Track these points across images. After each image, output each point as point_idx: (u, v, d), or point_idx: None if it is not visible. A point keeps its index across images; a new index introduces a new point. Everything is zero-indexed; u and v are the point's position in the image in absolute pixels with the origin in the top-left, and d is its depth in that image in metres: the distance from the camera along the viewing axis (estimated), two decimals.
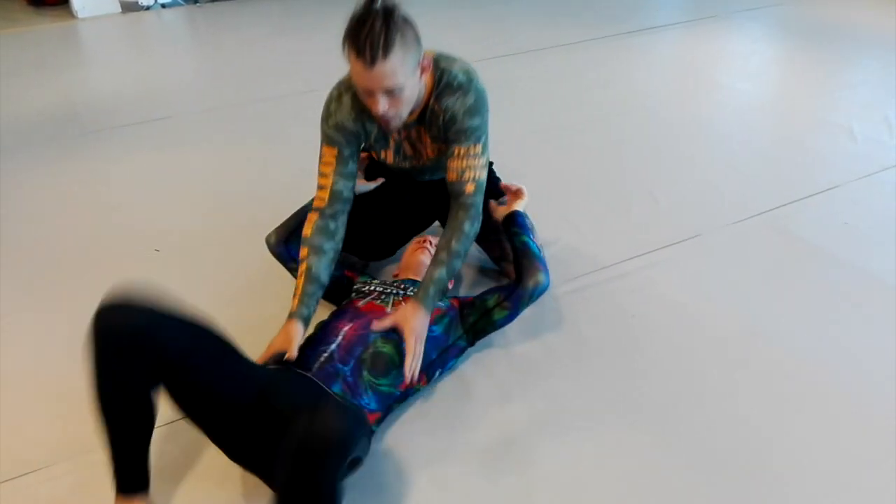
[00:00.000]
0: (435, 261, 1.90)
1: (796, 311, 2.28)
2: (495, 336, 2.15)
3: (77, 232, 2.70)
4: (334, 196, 1.93)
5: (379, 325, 1.81)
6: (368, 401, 1.73)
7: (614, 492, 1.69)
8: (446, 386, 1.98)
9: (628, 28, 5.06)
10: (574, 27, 5.08)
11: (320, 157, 1.95)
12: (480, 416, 1.88)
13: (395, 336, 1.83)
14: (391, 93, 1.69)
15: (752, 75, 4.30)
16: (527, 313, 2.18)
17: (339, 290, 2.09)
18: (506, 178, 2.34)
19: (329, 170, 1.93)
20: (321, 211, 1.93)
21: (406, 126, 1.95)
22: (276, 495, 1.38)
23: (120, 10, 5.52)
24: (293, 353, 1.74)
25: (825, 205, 2.87)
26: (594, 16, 5.37)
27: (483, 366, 2.06)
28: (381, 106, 1.70)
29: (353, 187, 1.97)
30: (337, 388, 1.68)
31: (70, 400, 1.93)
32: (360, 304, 1.93)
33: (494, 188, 2.30)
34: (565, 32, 4.96)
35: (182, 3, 5.69)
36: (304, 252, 1.90)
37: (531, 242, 2.11)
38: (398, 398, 1.83)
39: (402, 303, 1.93)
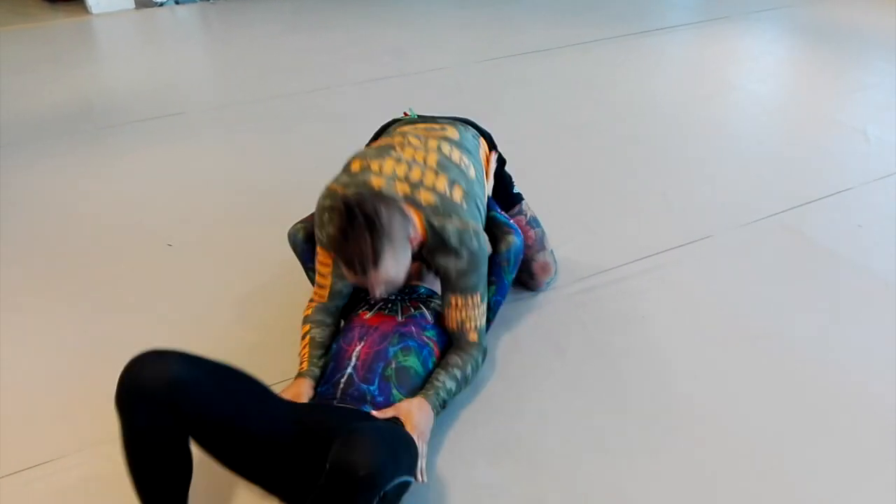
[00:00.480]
0: (448, 372, 1.79)
1: (808, 313, 2.27)
2: (504, 335, 2.16)
3: (89, 226, 2.72)
4: (334, 295, 1.91)
5: (381, 415, 1.64)
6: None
7: (620, 490, 1.69)
8: None
9: (639, 28, 5.04)
10: (585, 27, 5.07)
11: (317, 254, 1.89)
12: (490, 415, 1.88)
13: (412, 343, 1.80)
14: (387, 283, 1.69)
15: (765, 76, 4.28)
16: (537, 312, 2.18)
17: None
18: (517, 178, 2.34)
19: (327, 270, 1.88)
20: (322, 305, 1.92)
21: None
22: None
23: (134, 6, 5.54)
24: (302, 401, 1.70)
25: (838, 207, 2.85)
26: (605, 16, 5.36)
27: (492, 365, 2.06)
28: (378, 293, 1.68)
29: (350, 283, 1.88)
30: (367, 409, 1.65)
31: (78, 392, 1.95)
32: (368, 315, 1.87)
33: (507, 192, 2.27)
34: (576, 32, 4.95)
35: None
36: (306, 328, 1.89)
37: (498, 214, 2.08)
38: None
39: (411, 308, 1.90)
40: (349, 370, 1.72)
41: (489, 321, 2.05)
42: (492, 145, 2.24)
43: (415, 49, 4.64)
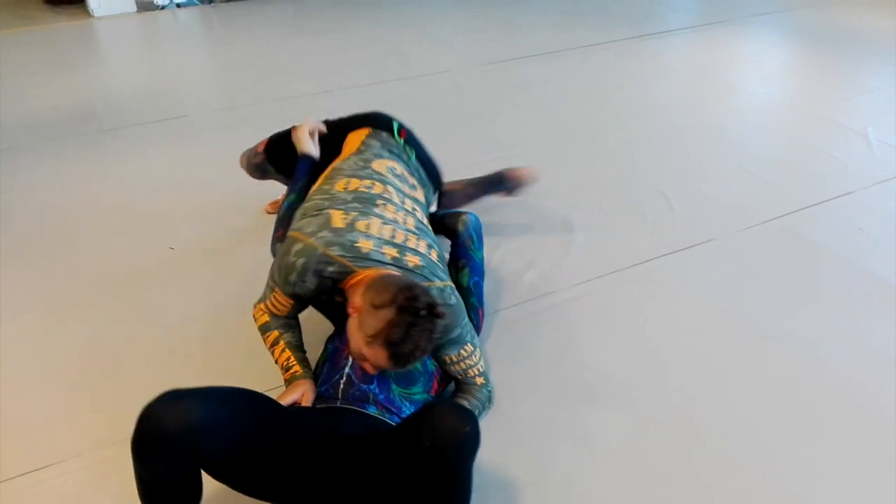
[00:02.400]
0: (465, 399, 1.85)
1: (810, 317, 2.27)
2: (506, 339, 2.16)
3: (92, 229, 2.72)
4: (292, 313, 1.86)
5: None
6: (408, 411, 1.71)
7: (619, 491, 1.69)
8: None
9: (641, 32, 5.04)
10: (587, 30, 5.07)
11: (275, 294, 1.80)
12: (491, 418, 1.88)
13: None
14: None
15: (767, 80, 4.29)
16: (539, 316, 2.18)
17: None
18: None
19: (285, 310, 1.83)
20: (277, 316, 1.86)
21: None
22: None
23: (135, 9, 5.55)
24: (309, 402, 1.70)
25: (840, 210, 2.85)
26: (607, 19, 5.37)
27: (494, 368, 2.06)
28: (372, 371, 1.64)
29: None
30: (372, 410, 1.66)
31: (79, 396, 1.95)
32: None
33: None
34: (579, 35, 4.96)
35: (197, 2, 5.72)
36: (273, 335, 1.82)
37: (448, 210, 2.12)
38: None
39: None
40: (347, 370, 1.72)
41: (480, 308, 2.06)
42: (438, 186, 2.29)
43: (417, 52, 4.65)
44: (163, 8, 5.62)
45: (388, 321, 1.51)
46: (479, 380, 1.87)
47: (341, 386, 1.69)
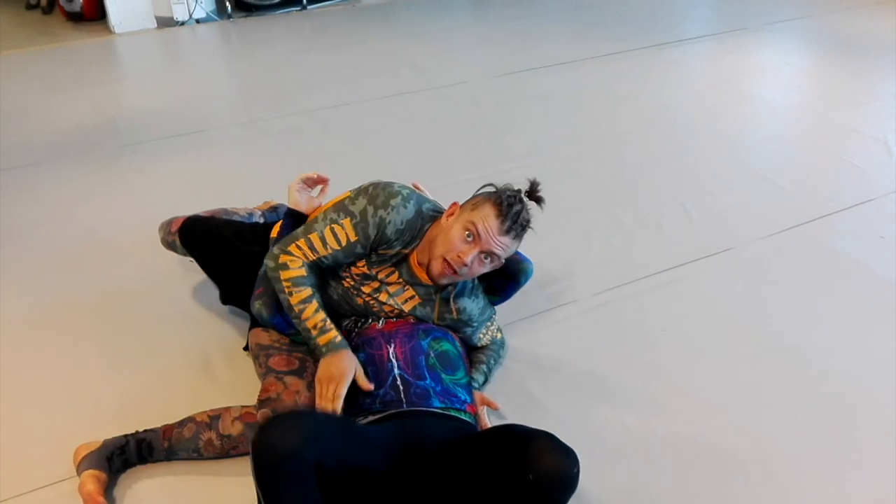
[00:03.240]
0: (487, 361, 2.02)
1: (830, 326, 2.26)
2: (525, 347, 2.16)
3: (112, 243, 2.75)
4: (319, 263, 1.82)
5: (483, 424, 1.82)
6: (465, 397, 1.75)
7: (643, 500, 1.68)
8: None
9: (658, 41, 5.04)
10: (604, 40, 5.07)
11: (334, 226, 1.79)
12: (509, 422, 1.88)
13: (437, 333, 1.86)
14: (486, 258, 1.76)
15: (785, 87, 4.27)
16: (557, 326, 2.19)
17: None
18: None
19: (325, 253, 1.80)
20: (307, 267, 1.80)
21: (426, 286, 1.89)
22: None
23: (155, 25, 5.62)
24: (368, 385, 1.70)
25: (860, 218, 2.83)
26: (624, 29, 5.37)
27: (512, 377, 2.06)
28: (469, 258, 1.72)
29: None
30: (437, 403, 1.67)
31: (81, 414, 1.97)
32: (380, 325, 1.87)
33: None
34: (595, 45, 4.96)
35: (216, 18, 5.79)
36: (306, 291, 1.76)
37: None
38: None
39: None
40: (396, 372, 1.72)
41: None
42: None
43: (433, 64, 4.67)
44: (182, 24, 5.68)
45: (493, 192, 1.78)
46: (499, 334, 2.09)
47: (401, 388, 1.68)
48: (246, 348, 2.04)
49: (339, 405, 1.64)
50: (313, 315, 1.75)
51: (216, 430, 1.77)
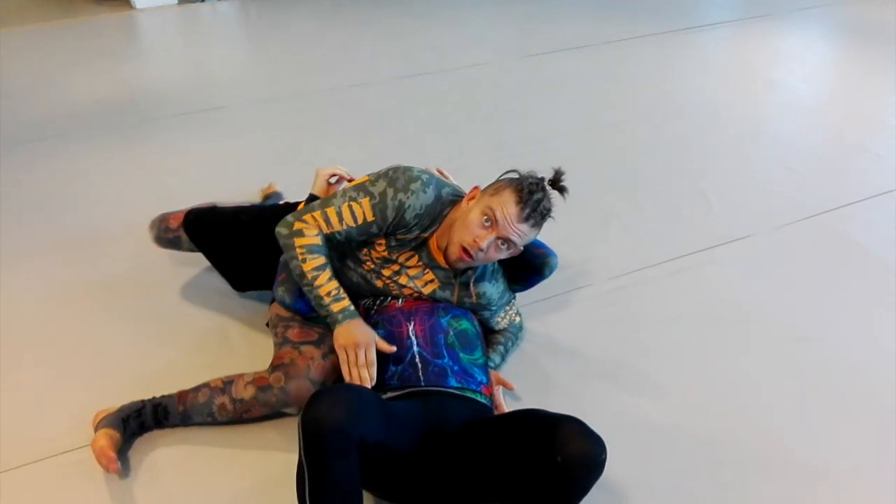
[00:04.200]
0: (504, 343, 2.05)
1: (848, 316, 2.25)
2: (540, 329, 2.17)
3: (132, 216, 2.77)
4: (335, 236, 1.80)
5: (501, 409, 1.84)
6: (481, 378, 1.75)
7: (656, 486, 1.69)
8: None
9: (680, 25, 4.99)
10: (624, 24, 5.03)
11: (352, 204, 1.78)
12: (523, 405, 1.88)
13: (456, 311, 1.87)
14: (503, 245, 1.75)
15: (809, 75, 4.22)
16: (572, 308, 2.19)
17: None
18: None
19: (340, 228, 1.79)
20: (324, 238, 1.79)
21: (445, 269, 1.89)
22: None
23: (176, 1, 5.63)
24: (390, 348, 1.72)
25: (881, 208, 2.81)
26: (645, 12, 5.31)
27: (526, 358, 2.07)
28: (485, 243, 1.72)
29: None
30: (454, 383, 1.68)
31: (101, 384, 1.99)
32: (399, 304, 1.87)
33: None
34: (615, 29, 4.92)
35: None
36: (321, 259, 1.75)
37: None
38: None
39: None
40: (415, 349, 1.73)
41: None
42: None
43: (452, 45, 4.65)
44: (203, 1, 5.68)
45: (516, 178, 1.78)
46: (518, 318, 2.10)
47: (419, 366, 1.70)
48: (268, 324, 2.05)
49: (374, 371, 1.66)
50: (327, 283, 1.74)
51: (229, 395, 1.79)
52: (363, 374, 1.66)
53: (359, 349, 1.67)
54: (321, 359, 1.78)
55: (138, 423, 1.80)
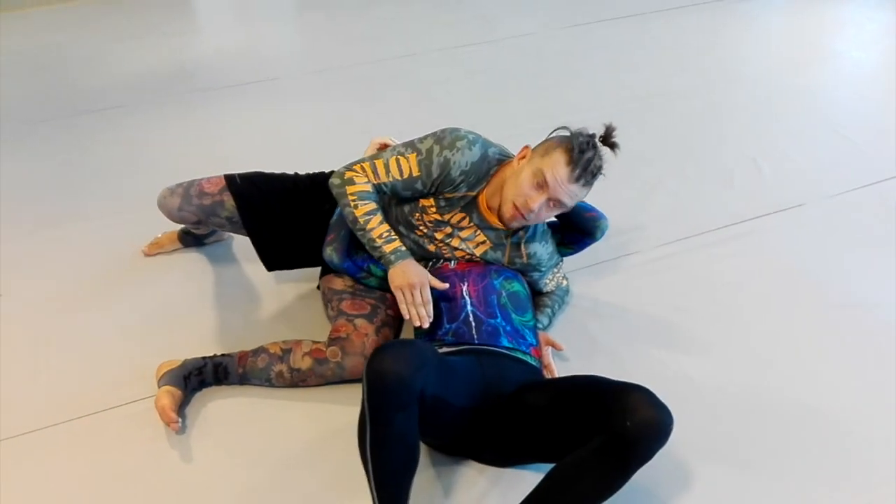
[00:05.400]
0: (552, 305, 2.08)
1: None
2: (587, 293, 2.19)
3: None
4: (383, 189, 1.84)
5: (550, 369, 1.88)
6: (531, 339, 1.80)
7: (704, 448, 1.71)
8: None
9: None
10: None
11: (400, 158, 1.82)
12: (567, 369, 1.92)
13: (508, 273, 1.90)
14: (554, 205, 1.77)
15: (867, 44, 4.10)
16: (619, 276, 2.20)
17: None
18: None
19: (387, 180, 1.82)
20: (374, 187, 1.82)
21: (497, 230, 1.91)
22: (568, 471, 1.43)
23: None
24: (443, 285, 1.78)
25: None
26: None
27: (573, 322, 2.10)
28: (537, 205, 1.74)
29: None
30: (505, 342, 1.73)
31: (165, 338, 2.09)
32: (452, 266, 1.91)
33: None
34: None
35: None
36: (372, 205, 1.78)
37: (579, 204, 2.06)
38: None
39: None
40: (469, 308, 1.77)
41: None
42: None
43: (501, 15, 4.63)
44: None
45: (566, 137, 1.77)
46: (565, 281, 2.12)
47: (473, 325, 1.74)
48: (319, 287, 2.11)
49: (430, 308, 1.71)
50: (378, 226, 1.77)
51: (287, 364, 1.86)
52: (420, 312, 1.71)
53: (414, 289, 1.72)
54: (374, 335, 1.86)
55: (199, 380, 1.88)
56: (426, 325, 1.70)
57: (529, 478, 1.62)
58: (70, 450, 1.76)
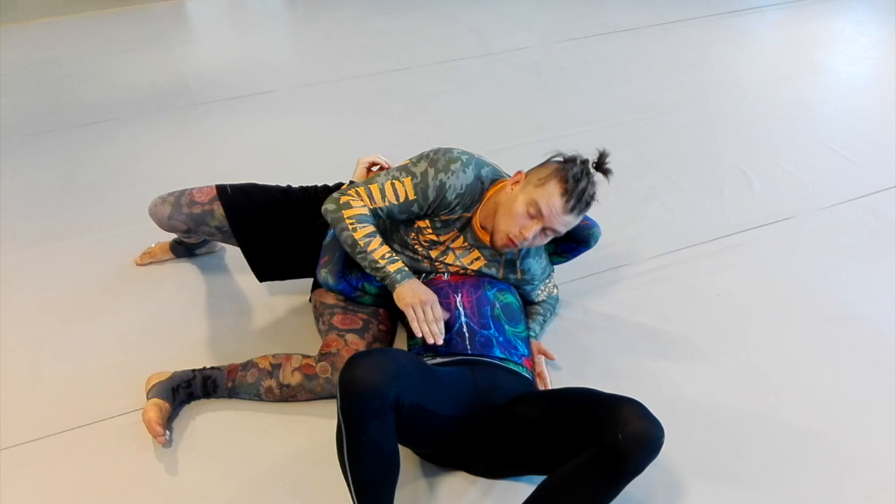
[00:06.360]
0: (543, 313, 2.10)
1: (889, 299, 2.23)
2: (578, 305, 2.20)
3: None
4: (377, 213, 1.84)
5: (543, 378, 1.88)
6: (523, 350, 1.82)
7: (695, 461, 1.71)
8: None
9: (726, 8, 4.93)
10: (669, 7, 4.99)
11: (395, 182, 1.82)
12: (560, 382, 1.93)
13: (501, 285, 1.92)
14: (548, 233, 1.79)
15: (857, 58, 4.14)
16: (611, 288, 2.21)
17: None
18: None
19: (382, 204, 1.83)
20: (370, 211, 1.83)
21: (490, 248, 1.90)
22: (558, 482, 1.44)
23: None
24: (447, 312, 1.78)
25: None
26: None
27: (564, 333, 2.11)
28: (531, 234, 1.75)
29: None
30: (498, 353, 1.74)
31: (155, 350, 2.09)
32: (445, 277, 1.93)
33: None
34: (660, 12, 4.88)
35: None
36: (370, 227, 1.78)
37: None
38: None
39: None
40: (463, 319, 1.79)
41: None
42: None
43: (495, 29, 4.67)
44: None
45: (560, 165, 1.77)
46: (555, 290, 2.15)
47: (467, 335, 1.76)
48: (310, 300, 2.12)
49: (442, 325, 1.71)
50: (379, 247, 1.77)
51: (277, 379, 1.86)
52: (433, 328, 1.70)
53: (426, 306, 1.72)
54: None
55: (187, 392, 1.88)
56: (440, 342, 1.69)
57: (521, 489, 1.63)
58: (56, 463, 1.76)
